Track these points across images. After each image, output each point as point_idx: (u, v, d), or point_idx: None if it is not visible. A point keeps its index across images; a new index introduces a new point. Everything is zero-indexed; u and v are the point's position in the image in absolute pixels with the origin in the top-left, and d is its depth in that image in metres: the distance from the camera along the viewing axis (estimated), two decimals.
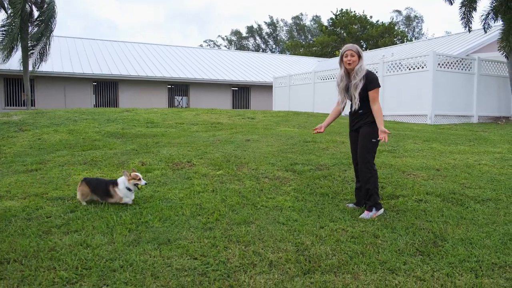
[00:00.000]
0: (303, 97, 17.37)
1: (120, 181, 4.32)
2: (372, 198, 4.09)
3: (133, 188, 4.31)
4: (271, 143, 7.40)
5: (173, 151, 6.66)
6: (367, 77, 4.10)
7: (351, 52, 4.08)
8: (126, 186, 4.27)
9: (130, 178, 4.26)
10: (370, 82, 4.08)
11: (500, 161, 6.35)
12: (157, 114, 11.60)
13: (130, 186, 4.28)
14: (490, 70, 12.89)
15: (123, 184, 4.29)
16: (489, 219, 4.02)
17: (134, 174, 4.31)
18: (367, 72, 4.15)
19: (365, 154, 4.14)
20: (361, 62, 4.11)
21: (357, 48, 4.14)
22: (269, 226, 3.79)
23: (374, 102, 4.10)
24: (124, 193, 4.30)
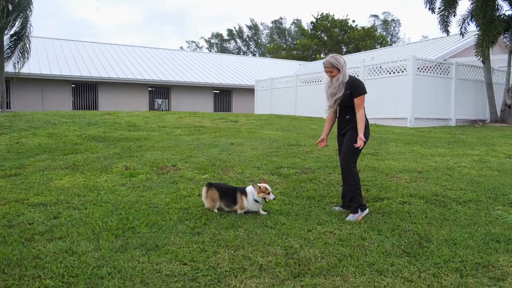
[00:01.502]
0: (285, 100, 17.47)
1: (249, 192, 4.20)
2: (355, 200, 4.15)
3: (261, 201, 4.18)
4: (256, 147, 7.41)
5: (157, 155, 6.60)
6: (353, 84, 4.15)
7: (326, 68, 4.19)
8: (255, 198, 4.14)
9: (259, 192, 4.10)
10: (355, 90, 4.13)
11: (479, 163, 6.52)
12: (139, 117, 11.47)
13: (258, 199, 4.14)
14: (467, 75, 13.24)
15: (252, 196, 4.14)
16: (471, 220, 4.13)
17: (264, 187, 4.12)
18: (353, 79, 4.21)
19: (347, 156, 4.20)
20: (340, 74, 4.14)
21: (331, 62, 4.15)
22: (258, 230, 3.79)
23: (358, 109, 4.15)
24: (251, 204, 4.17)
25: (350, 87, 4.14)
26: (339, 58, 4.19)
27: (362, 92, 4.14)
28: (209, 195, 4.27)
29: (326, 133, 4.54)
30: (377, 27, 46.51)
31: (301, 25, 53.55)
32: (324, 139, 4.53)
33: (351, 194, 4.16)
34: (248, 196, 4.12)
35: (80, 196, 4.65)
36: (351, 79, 4.20)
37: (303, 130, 9.97)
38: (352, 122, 4.22)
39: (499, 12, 13.01)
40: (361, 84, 4.19)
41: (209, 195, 4.26)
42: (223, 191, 4.25)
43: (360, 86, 4.16)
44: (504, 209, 4.49)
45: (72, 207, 4.30)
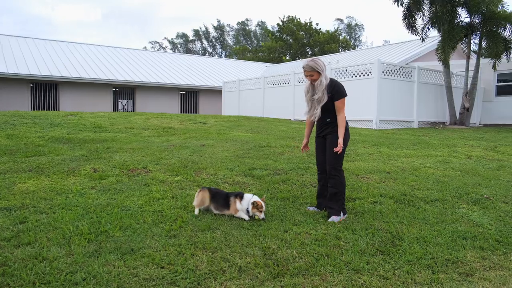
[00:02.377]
0: (253, 102, 17.53)
1: (246, 196, 4.11)
2: (340, 203, 4.21)
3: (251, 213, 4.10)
4: (227, 148, 7.39)
5: (127, 157, 6.44)
6: (333, 87, 4.16)
7: (306, 72, 4.17)
8: (247, 208, 4.07)
9: (253, 207, 4.03)
10: (337, 93, 4.15)
11: (443, 164, 6.80)
12: (105, 118, 11.15)
13: (250, 212, 4.07)
14: (428, 79, 13.79)
15: (246, 203, 4.07)
16: (438, 218, 4.30)
17: (260, 203, 4.03)
18: (333, 82, 4.22)
19: (334, 161, 4.21)
20: (321, 77, 4.14)
21: (311, 66, 4.14)
22: (234, 232, 3.78)
23: (339, 112, 4.18)
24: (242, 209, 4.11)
25: (331, 90, 4.15)
26: (318, 62, 4.16)
27: (343, 95, 4.17)
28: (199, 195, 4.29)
29: (308, 137, 4.56)
30: (341, 31, 47.59)
31: (266, 27, 53.94)
32: (307, 143, 4.58)
33: (337, 198, 4.20)
34: (243, 203, 4.07)
35: (47, 200, 4.46)
36: (331, 82, 4.21)
37: (273, 131, 10.04)
38: (332, 125, 4.25)
39: (459, 19, 13.64)
40: (341, 87, 4.21)
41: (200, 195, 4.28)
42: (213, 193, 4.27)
43: (341, 89, 4.19)
44: (468, 207, 4.70)
45: (39, 212, 4.12)
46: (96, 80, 20.80)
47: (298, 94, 15.04)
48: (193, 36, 56.65)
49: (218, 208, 4.21)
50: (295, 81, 15.28)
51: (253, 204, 4.01)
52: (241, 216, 4.10)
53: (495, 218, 4.37)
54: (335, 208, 4.20)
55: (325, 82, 4.14)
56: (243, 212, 4.10)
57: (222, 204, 4.18)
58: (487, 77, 15.09)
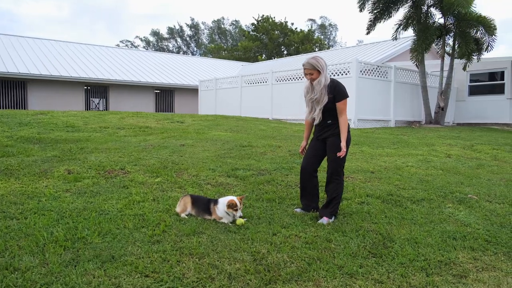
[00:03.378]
0: (230, 101, 17.33)
1: (220, 201, 3.94)
2: (336, 207, 4.09)
3: (231, 214, 3.89)
4: (208, 148, 7.19)
5: (103, 158, 6.15)
6: (335, 88, 3.94)
7: (306, 70, 3.94)
8: (224, 210, 3.89)
9: (227, 207, 3.86)
10: (338, 93, 3.94)
11: (424, 163, 6.82)
12: (77, 117, 10.72)
13: (227, 212, 3.88)
14: (405, 78, 13.97)
15: (222, 206, 3.89)
16: (426, 218, 4.25)
17: (232, 202, 3.84)
18: (334, 82, 3.99)
19: (336, 166, 4.03)
20: (321, 76, 3.91)
21: (311, 63, 3.91)
22: (221, 236, 3.61)
23: (341, 114, 3.97)
24: (223, 214, 3.91)
25: (332, 90, 3.92)
26: (320, 60, 3.92)
27: (345, 95, 3.96)
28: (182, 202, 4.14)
29: (307, 139, 4.36)
30: (315, 31, 47.93)
31: (240, 26, 53.74)
32: (305, 146, 4.36)
33: (335, 201, 4.06)
34: (219, 206, 3.91)
35: (17, 204, 4.15)
36: (332, 82, 3.97)
37: (253, 131, 9.89)
38: (334, 128, 4.04)
39: (433, 19, 13.87)
40: (343, 88, 4.00)
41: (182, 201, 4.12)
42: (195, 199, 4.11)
43: (343, 90, 3.98)
44: (454, 206, 4.69)
45: (9, 217, 3.82)
46: (67, 78, 20.09)
47: (276, 93, 14.96)
48: (166, 34, 55.78)
49: (200, 214, 4.05)
50: (273, 80, 15.18)
51: (227, 206, 3.85)
52: (225, 222, 3.92)
53: (481, 217, 4.37)
54: (328, 211, 4.08)
55: (324, 82, 3.91)
56: (225, 218, 3.93)
57: (204, 210, 4.03)
58: (460, 77, 15.44)
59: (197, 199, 4.09)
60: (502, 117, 14.81)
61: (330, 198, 4.06)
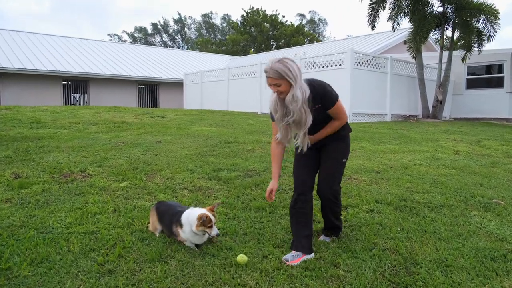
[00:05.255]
0: (216, 94, 16.41)
1: (184, 219, 2.92)
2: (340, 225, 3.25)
3: (202, 234, 2.92)
4: (188, 145, 6.30)
5: (62, 158, 5.23)
6: (320, 95, 2.81)
7: (270, 79, 2.70)
8: (193, 230, 2.87)
9: (198, 225, 2.84)
10: (327, 100, 2.82)
11: (433, 161, 6.04)
12: (46, 113, 9.72)
13: (196, 232, 2.88)
14: (401, 70, 13.21)
15: (188, 226, 2.89)
16: (452, 231, 3.45)
17: (206, 217, 2.85)
18: (316, 88, 2.80)
19: (334, 181, 3.00)
20: (294, 89, 2.65)
21: (278, 70, 2.64)
22: (195, 261, 2.75)
23: (338, 119, 2.90)
24: (188, 236, 2.92)
25: (318, 99, 2.80)
26: (289, 64, 2.65)
27: (335, 97, 2.86)
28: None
29: (277, 176, 3.03)
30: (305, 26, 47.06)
31: (230, 20, 52.61)
32: (275, 187, 3.00)
33: (338, 222, 3.20)
34: (184, 226, 2.91)
35: None
36: (315, 88, 2.79)
37: (240, 125, 9.02)
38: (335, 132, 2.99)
39: (431, 8, 13.12)
40: (328, 89, 2.86)
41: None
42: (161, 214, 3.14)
43: (329, 91, 2.85)
44: (480, 214, 3.90)
45: None
46: (43, 71, 18.90)
47: (265, 85, 14.05)
48: (151, 30, 54.25)
49: (169, 235, 3.09)
50: (262, 72, 14.29)
51: (198, 224, 2.83)
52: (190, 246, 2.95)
53: None
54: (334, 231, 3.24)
55: (302, 96, 2.66)
56: (188, 242, 2.94)
57: (170, 229, 3.04)
58: (457, 70, 14.73)
59: (165, 211, 3.15)
60: (501, 111, 14.16)
61: (333, 219, 3.15)
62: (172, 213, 3.02)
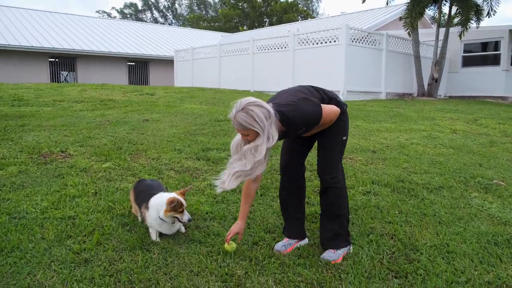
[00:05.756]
0: (208, 72, 16.02)
1: (151, 203, 2.64)
2: (344, 229, 2.61)
3: (171, 221, 2.62)
4: (176, 123, 6.04)
5: (43, 137, 4.95)
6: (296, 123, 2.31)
7: (238, 130, 2.29)
8: (160, 216, 2.58)
9: (167, 210, 2.55)
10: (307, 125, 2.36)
11: (430, 140, 5.86)
12: (30, 90, 9.36)
13: (165, 219, 2.58)
14: (397, 47, 12.90)
15: (155, 211, 2.60)
16: (452, 214, 3.28)
17: (177, 201, 2.56)
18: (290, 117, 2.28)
19: (334, 164, 2.56)
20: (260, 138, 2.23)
21: (242, 123, 2.20)
22: (180, 249, 2.55)
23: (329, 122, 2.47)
24: (154, 223, 2.62)
25: (298, 127, 2.35)
26: (256, 113, 2.17)
27: (318, 114, 2.34)
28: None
29: (245, 216, 2.57)
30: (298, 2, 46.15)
31: None
32: (241, 231, 2.55)
33: (338, 223, 2.59)
34: (150, 209, 2.63)
35: None
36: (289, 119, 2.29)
37: (231, 103, 8.73)
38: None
39: None
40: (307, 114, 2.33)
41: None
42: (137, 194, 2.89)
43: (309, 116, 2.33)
44: (481, 196, 3.73)
45: None
46: (28, 48, 18.27)
47: (258, 63, 13.73)
48: (142, 6, 52.81)
49: (142, 219, 2.80)
50: (254, 49, 13.92)
51: (168, 208, 2.54)
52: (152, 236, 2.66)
53: None
54: (338, 239, 2.58)
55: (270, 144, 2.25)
56: (153, 229, 2.64)
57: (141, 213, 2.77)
58: (453, 47, 14.45)
59: (141, 191, 2.84)
60: (497, 89, 13.98)
61: (333, 214, 2.60)
62: (145, 195, 2.74)
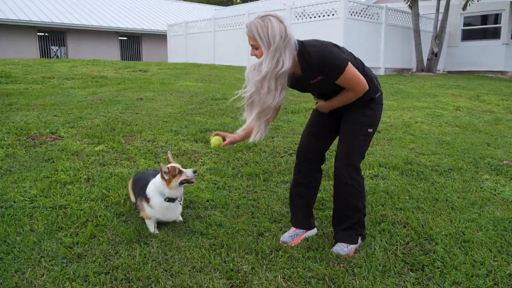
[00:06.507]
0: (202, 47, 15.59)
1: (150, 190, 2.42)
2: (360, 225, 2.38)
3: (180, 194, 2.43)
4: (172, 102, 5.80)
5: (31, 117, 4.70)
6: (314, 64, 2.07)
7: (248, 38, 2.08)
8: (166, 196, 2.38)
9: (168, 182, 2.35)
10: (330, 70, 2.08)
11: (434, 118, 5.68)
12: (18, 66, 8.99)
13: (173, 193, 2.38)
14: (396, 21, 12.55)
15: (158, 197, 2.39)
16: (465, 199, 3.13)
17: (164, 171, 2.37)
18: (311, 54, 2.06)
19: (352, 154, 2.28)
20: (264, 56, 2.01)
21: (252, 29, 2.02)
22: (180, 241, 2.38)
23: (351, 90, 2.17)
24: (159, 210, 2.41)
25: (314, 70, 2.10)
26: (270, 25, 1.99)
27: (342, 66, 2.06)
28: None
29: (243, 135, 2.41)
30: None
31: None
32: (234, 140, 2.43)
33: (354, 218, 2.34)
34: (153, 199, 2.40)
35: None
36: (309, 57, 2.07)
37: (227, 80, 8.47)
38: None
39: None
40: (330, 57, 2.07)
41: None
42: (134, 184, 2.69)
43: (332, 61, 2.07)
44: (492, 178, 3.58)
45: None
46: (15, 21, 17.63)
47: None
48: None
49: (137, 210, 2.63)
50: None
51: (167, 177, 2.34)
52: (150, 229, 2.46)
53: None
54: (352, 234, 2.36)
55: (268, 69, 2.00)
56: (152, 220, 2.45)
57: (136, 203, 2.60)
58: (453, 20, 14.10)
59: (138, 179, 2.66)
60: (497, 64, 13.75)
61: (346, 212, 2.36)
62: (141, 184, 2.54)
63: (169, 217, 2.48)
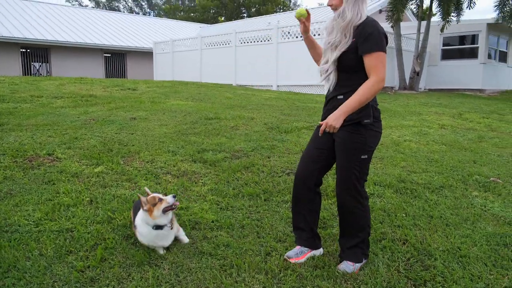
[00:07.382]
0: (189, 65, 15.72)
1: (138, 221, 2.49)
2: (365, 244, 2.46)
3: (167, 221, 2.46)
4: (165, 122, 5.85)
5: (25, 138, 4.69)
6: (362, 30, 2.20)
7: None
8: (153, 224, 2.42)
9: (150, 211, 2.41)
10: (366, 39, 2.17)
11: (422, 136, 5.89)
12: (4, 84, 8.91)
13: (159, 221, 2.42)
14: None
15: (145, 226, 2.45)
16: (458, 215, 3.27)
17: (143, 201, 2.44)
18: (368, 25, 2.20)
19: (349, 180, 2.32)
20: (347, 4, 2.21)
21: None
22: (190, 263, 2.42)
23: (370, 73, 2.20)
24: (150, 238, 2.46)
25: (358, 34, 2.20)
26: None
27: (379, 46, 2.18)
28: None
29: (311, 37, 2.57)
30: None
31: None
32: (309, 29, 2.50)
33: (359, 237, 2.42)
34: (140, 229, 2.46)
35: None
36: (365, 26, 2.20)
37: (217, 99, 8.57)
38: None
39: None
40: (377, 32, 2.18)
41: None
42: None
43: (378, 36, 2.18)
44: (481, 195, 3.75)
45: None
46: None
47: (240, 55, 13.55)
48: None
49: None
50: (236, 42, 13.72)
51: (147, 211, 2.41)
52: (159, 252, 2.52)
53: None
54: (356, 252, 2.44)
55: (351, 17, 2.19)
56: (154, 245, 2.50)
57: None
58: (433, 40, 14.63)
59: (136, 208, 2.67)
60: (475, 82, 14.28)
61: (352, 235, 2.44)
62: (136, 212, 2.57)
63: (161, 244, 2.50)
